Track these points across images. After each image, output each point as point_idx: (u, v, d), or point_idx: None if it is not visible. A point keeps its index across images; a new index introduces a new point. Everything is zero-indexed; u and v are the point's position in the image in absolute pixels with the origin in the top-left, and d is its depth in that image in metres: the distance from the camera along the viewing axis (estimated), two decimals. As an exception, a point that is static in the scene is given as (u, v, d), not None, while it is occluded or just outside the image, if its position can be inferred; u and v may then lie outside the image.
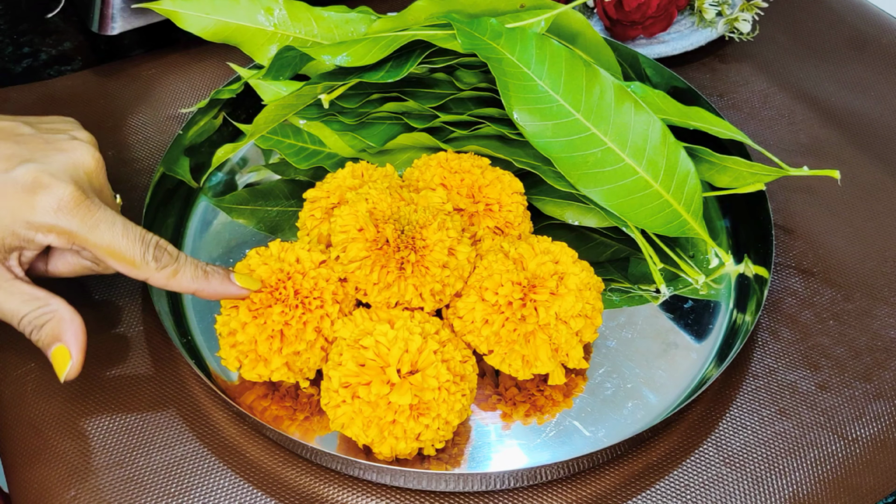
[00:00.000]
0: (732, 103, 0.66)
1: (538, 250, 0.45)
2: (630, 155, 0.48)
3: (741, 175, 0.52)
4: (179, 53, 0.67)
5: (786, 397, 0.47)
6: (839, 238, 0.55)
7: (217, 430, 0.44)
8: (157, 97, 0.64)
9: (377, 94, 0.54)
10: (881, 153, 0.61)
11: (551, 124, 0.48)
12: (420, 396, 0.39)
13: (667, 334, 0.49)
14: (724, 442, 0.45)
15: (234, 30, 0.54)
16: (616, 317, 0.50)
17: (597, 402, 0.46)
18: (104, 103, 0.63)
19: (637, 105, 0.49)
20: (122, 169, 0.58)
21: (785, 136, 0.63)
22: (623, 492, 0.43)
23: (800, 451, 0.45)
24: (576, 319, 0.43)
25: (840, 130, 0.63)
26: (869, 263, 0.54)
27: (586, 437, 0.44)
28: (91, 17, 0.65)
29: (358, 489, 0.42)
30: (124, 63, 0.67)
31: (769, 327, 0.50)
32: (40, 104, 0.62)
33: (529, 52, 0.49)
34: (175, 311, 0.48)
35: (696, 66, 0.69)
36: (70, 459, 0.43)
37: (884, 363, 0.49)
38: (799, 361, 0.49)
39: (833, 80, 0.68)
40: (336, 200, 0.48)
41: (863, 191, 0.59)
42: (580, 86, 0.49)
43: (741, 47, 0.70)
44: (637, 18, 0.66)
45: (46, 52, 0.68)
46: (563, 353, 0.44)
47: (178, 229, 0.54)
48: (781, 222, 0.56)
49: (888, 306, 0.51)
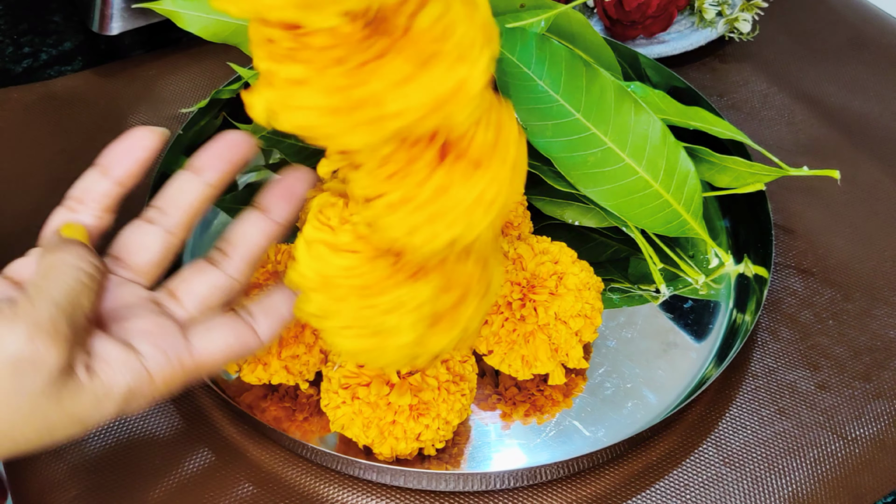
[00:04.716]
0: (732, 103, 0.66)
1: (537, 250, 0.45)
2: (630, 155, 0.48)
3: (741, 175, 0.52)
4: (179, 53, 0.67)
5: (785, 397, 0.47)
6: (839, 238, 0.55)
7: (217, 430, 0.44)
8: (158, 97, 0.64)
9: (377, 94, 0.54)
10: (881, 153, 0.61)
11: (551, 124, 0.48)
12: (420, 396, 0.40)
13: (666, 334, 0.49)
14: (723, 442, 0.45)
15: (235, 29, 0.54)
16: (616, 317, 0.50)
17: (596, 401, 0.46)
18: (104, 103, 0.63)
19: (637, 105, 0.49)
20: (123, 169, 0.58)
21: (785, 136, 0.63)
22: (623, 492, 0.43)
23: (799, 450, 0.45)
24: (575, 319, 0.43)
25: (840, 130, 0.63)
26: (869, 263, 0.54)
27: (586, 437, 0.44)
28: (91, 17, 0.65)
29: (358, 489, 0.42)
30: (124, 63, 0.67)
31: (769, 327, 0.50)
32: (40, 104, 0.62)
33: (529, 52, 0.49)
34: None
35: (696, 66, 0.69)
36: (70, 459, 0.43)
37: (883, 363, 0.49)
38: (798, 361, 0.49)
39: (833, 80, 0.68)
40: (336, 200, 0.48)
41: (863, 191, 0.59)
42: (580, 86, 0.49)
43: (741, 47, 0.70)
44: (637, 18, 0.66)
45: (47, 52, 0.68)
46: (562, 353, 0.44)
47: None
48: (781, 222, 0.56)
49: (888, 306, 0.51)
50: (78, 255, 0.30)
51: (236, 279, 0.34)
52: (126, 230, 0.34)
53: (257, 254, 0.35)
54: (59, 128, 0.61)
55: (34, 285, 0.29)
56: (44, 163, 0.58)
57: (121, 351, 0.30)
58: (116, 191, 0.34)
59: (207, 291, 0.34)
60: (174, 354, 0.31)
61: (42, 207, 0.58)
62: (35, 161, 0.58)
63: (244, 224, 0.35)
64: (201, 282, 0.34)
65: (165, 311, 0.33)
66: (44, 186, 0.56)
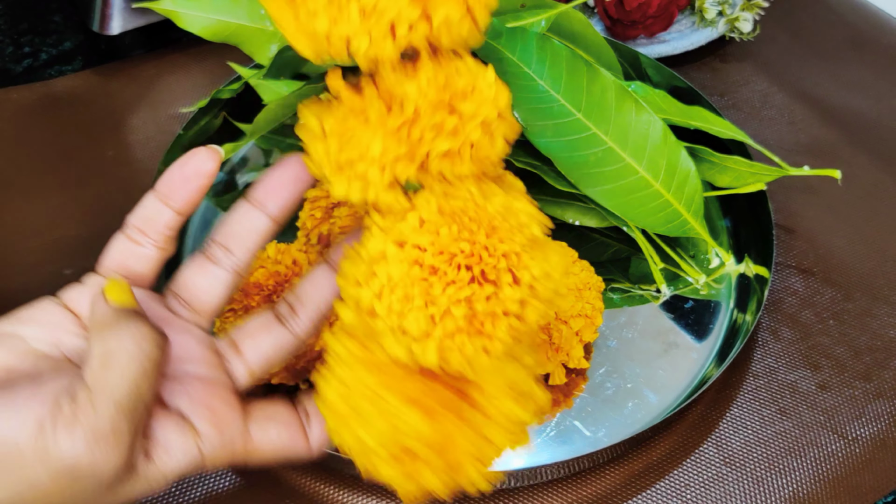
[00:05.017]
0: (733, 103, 0.66)
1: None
2: (630, 155, 0.48)
3: (742, 175, 0.52)
4: (179, 53, 0.67)
5: (786, 397, 0.47)
6: (840, 238, 0.55)
7: (217, 430, 0.44)
8: (158, 97, 0.64)
9: (377, 93, 0.54)
10: (881, 153, 0.61)
11: (552, 124, 0.48)
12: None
13: (667, 334, 0.49)
14: (724, 441, 0.45)
15: (235, 29, 0.54)
16: (616, 316, 0.50)
17: (597, 401, 0.46)
18: (104, 103, 0.63)
19: (638, 105, 0.49)
20: (122, 169, 0.58)
21: (785, 135, 0.63)
22: (623, 492, 0.43)
23: (800, 450, 0.45)
24: (576, 319, 0.43)
25: (840, 130, 0.63)
26: (869, 263, 0.54)
27: (586, 437, 0.44)
28: (91, 17, 0.65)
29: (358, 489, 0.42)
30: (124, 63, 0.67)
31: (769, 327, 0.50)
32: (41, 104, 0.62)
33: (530, 52, 0.49)
34: (175, 311, 0.48)
35: (697, 66, 0.69)
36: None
37: (884, 363, 0.49)
38: (799, 361, 0.49)
39: (833, 79, 0.68)
40: (336, 200, 0.48)
41: (863, 190, 0.59)
42: (581, 85, 0.49)
43: (742, 47, 0.70)
44: (637, 18, 0.65)
45: (47, 52, 0.68)
46: (563, 353, 0.44)
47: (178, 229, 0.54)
48: (782, 222, 0.56)
49: (888, 306, 0.51)
50: (138, 338, 0.28)
51: (302, 339, 0.33)
52: (189, 268, 0.32)
53: (326, 315, 0.33)
54: (59, 128, 0.61)
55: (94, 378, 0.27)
56: (44, 163, 0.58)
57: (179, 434, 0.29)
58: (178, 220, 0.32)
59: (273, 351, 0.32)
60: (230, 440, 0.30)
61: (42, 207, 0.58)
62: (35, 161, 0.58)
63: (317, 278, 0.33)
64: (267, 339, 0.32)
65: (227, 370, 0.32)
66: (44, 186, 0.56)
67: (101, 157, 0.59)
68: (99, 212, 0.55)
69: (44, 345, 0.29)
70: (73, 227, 0.54)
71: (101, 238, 0.34)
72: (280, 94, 0.54)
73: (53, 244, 0.53)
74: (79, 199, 0.55)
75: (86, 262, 0.49)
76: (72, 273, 0.51)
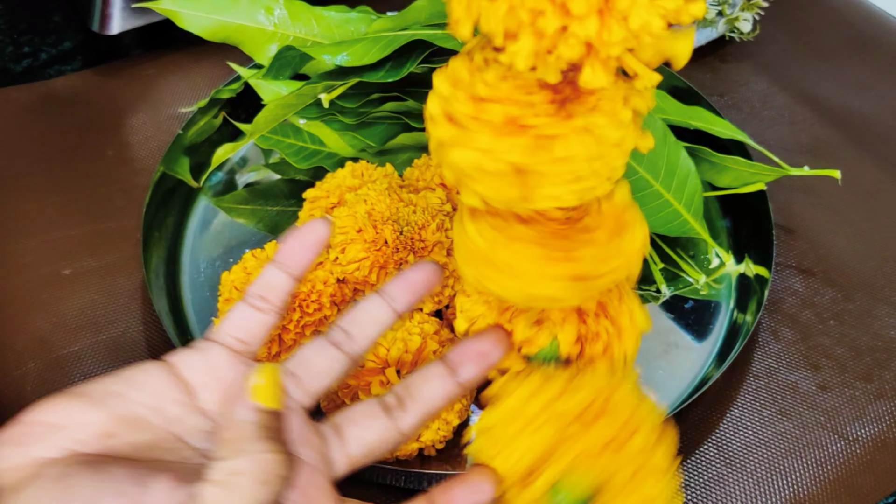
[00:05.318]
0: (733, 103, 0.66)
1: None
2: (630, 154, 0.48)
3: (742, 175, 0.52)
4: (179, 53, 0.67)
5: (786, 397, 0.47)
6: (840, 238, 0.55)
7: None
8: (157, 97, 0.64)
9: (377, 93, 0.54)
10: (881, 153, 0.61)
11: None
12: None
13: (667, 334, 0.49)
14: (724, 442, 0.45)
15: (234, 29, 0.54)
16: (616, 317, 0.49)
17: (597, 402, 0.46)
18: (104, 103, 0.63)
19: (637, 105, 0.49)
20: (122, 169, 0.58)
21: (785, 135, 0.63)
22: (623, 492, 0.43)
23: (800, 451, 0.45)
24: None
25: (840, 130, 0.63)
26: (870, 263, 0.54)
27: (586, 438, 0.44)
28: (91, 17, 0.65)
29: (358, 489, 0.42)
30: (124, 63, 0.67)
31: (770, 327, 0.50)
32: (40, 104, 0.62)
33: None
34: (175, 311, 0.48)
35: (697, 66, 0.69)
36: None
37: (884, 363, 0.48)
38: (799, 361, 0.49)
39: (833, 79, 0.68)
40: (336, 200, 0.48)
41: (863, 190, 0.58)
42: (580, 85, 0.49)
43: (742, 47, 0.70)
44: (637, 18, 0.65)
45: (46, 51, 0.68)
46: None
47: (178, 229, 0.54)
48: (782, 222, 0.56)
49: (889, 306, 0.51)
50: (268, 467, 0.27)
51: (407, 437, 0.32)
52: (309, 348, 0.32)
53: (434, 414, 0.33)
54: (58, 128, 0.61)
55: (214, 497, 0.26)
56: (44, 163, 0.58)
57: None
58: (295, 286, 0.33)
59: (376, 443, 0.32)
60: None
61: (42, 207, 0.58)
62: (35, 161, 0.58)
63: (431, 377, 0.32)
64: (372, 430, 0.32)
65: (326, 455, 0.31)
66: (44, 186, 0.56)
67: (101, 157, 0.59)
68: (99, 212, 0.54)
69: (147, 410, 0.29)
70: (73, 227, 0.54)
71: (101, 238, 0.34)
72: (279, 94, 0.54)
73: (53, 244, 0.53)
74: (79, 199, 0.55)
75: (85, 262, 0.49)
76: (71, 273, 0.51)
